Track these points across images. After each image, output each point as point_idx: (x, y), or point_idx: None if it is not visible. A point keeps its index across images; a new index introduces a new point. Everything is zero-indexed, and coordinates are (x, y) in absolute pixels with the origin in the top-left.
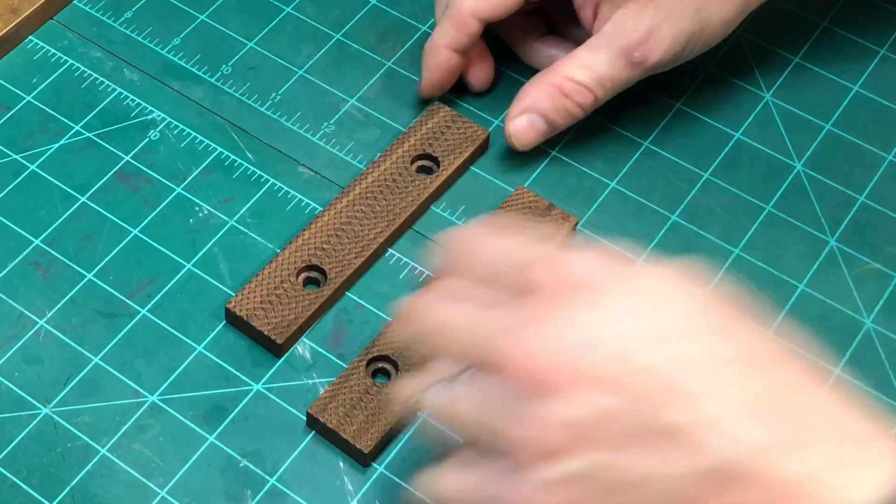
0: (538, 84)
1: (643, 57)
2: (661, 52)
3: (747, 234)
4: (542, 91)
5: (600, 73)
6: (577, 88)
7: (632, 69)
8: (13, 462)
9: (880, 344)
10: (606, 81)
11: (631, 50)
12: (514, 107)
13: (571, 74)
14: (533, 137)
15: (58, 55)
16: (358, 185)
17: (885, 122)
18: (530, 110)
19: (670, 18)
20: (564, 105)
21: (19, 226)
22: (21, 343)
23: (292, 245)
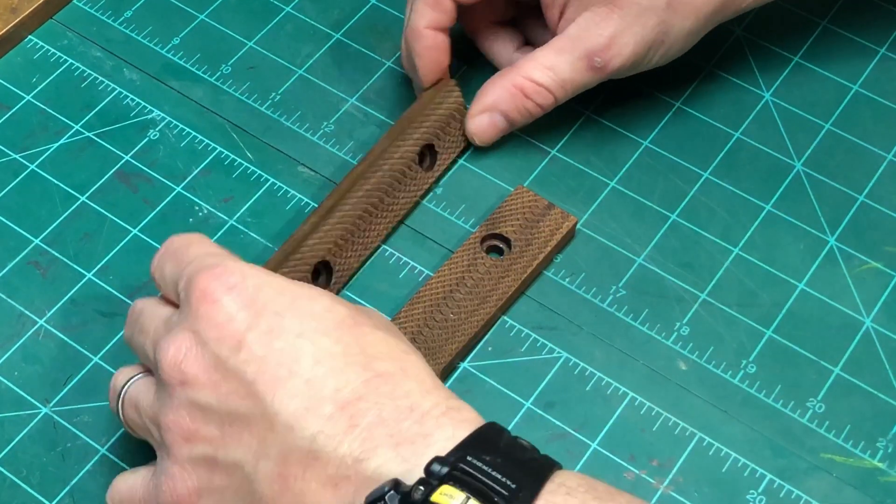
0: (500, 83)
1: (604, 62)
2: (622, 59)
3: (747, 233)
4: (504, 91)
5: (561, 76)
6: (538, 90)
7: (592, 73)
8: (13, 461)
9: (880, 343)
10: (567, 84)
11: (593, 54)
12: (476, 104)
13: (533, 76)
14: (493, 135)
15: (57, 55)
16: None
17: (885, 122)
18: (491, 109)
19: (634, 26)
20: (525, 105)
21: (19, 225)
22: (21, 342)
23: (308, 241)
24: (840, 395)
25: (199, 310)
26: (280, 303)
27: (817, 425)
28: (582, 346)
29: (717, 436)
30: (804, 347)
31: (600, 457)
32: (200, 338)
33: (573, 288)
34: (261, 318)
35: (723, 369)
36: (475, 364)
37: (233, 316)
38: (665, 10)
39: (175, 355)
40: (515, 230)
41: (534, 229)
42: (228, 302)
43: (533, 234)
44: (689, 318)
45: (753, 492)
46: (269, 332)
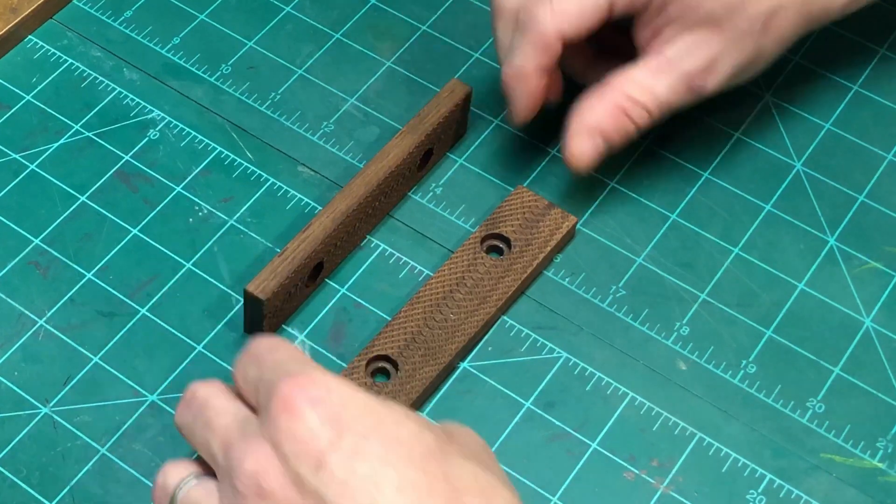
0: (600, 103)
1: (702, 85)
2: (719, 81)
3: (747, 233)
4: (606, 112)
5: (660, 97)
6: (639, 110)
7: (689, 95)
8: (13, 461)
9: (879, 343)
10: (664, 105)
11: (693, 77)
12: (578, 126)
13: (635, 95)
14: (593, 159)
15: (57, 55)
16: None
17: (885, 122)
18: (593, 131)
19: (733, 50)
20: (626, 125)
21: (19, 225)
22: (21, 342)
23: None
24: (840, 395)
25: (280, 420)
26: (365, 424)
27: (817, 425)
28: (582, 346)
29: (717, 436)
30: (804, 347)
31: (600, 457)
32: (280, 451)
33: (573, 288)
34: (344, 437)
35: (723, 369)
36: (475, 364)
37: (315, 432)
38: (761, 33)
39: (253, 467)
40: (515, 230)
41: (534, 229)
42: (311, 416)
43: (533, 234)
44: (689, 318)
45: (753, 492)
46: (352, 454)
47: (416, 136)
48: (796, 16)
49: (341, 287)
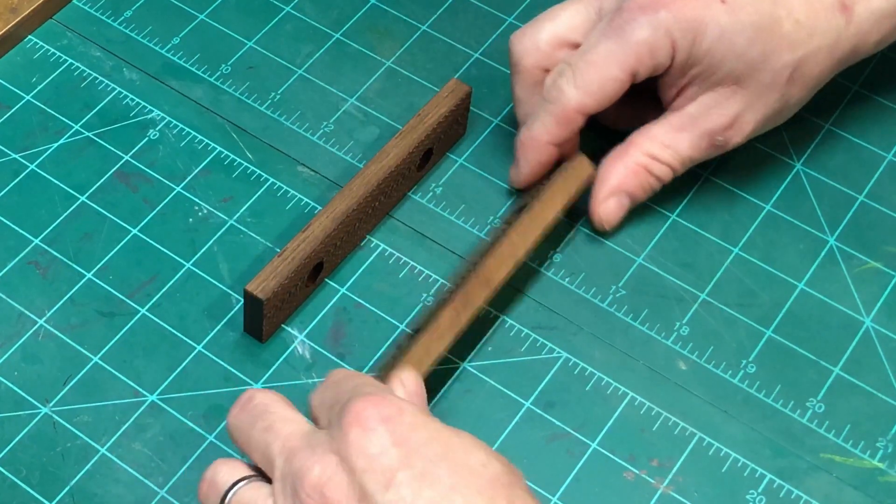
0: (622, 164)
1: (725, 141)
2: (742, 136)
3: (747, 233)
4: (629, 171)
5: (682, 154)
6: (661, 167)
7: (712, 150)
8: (13, 461)
9: (879, 343)
10: (686, 160)
11: (715, 133)
12: (601, 189)
13: (657, 154)
14: (620, 217)
15: (57, 54)
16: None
17: (885, 122)
18: (618, 192)
19: (756, 104)
20: (649, 181)
21: (19, 225)
22: (21, 342)
23: None
24: (840, 394)
25: (350, 434)
26: (435, 449)
27: (817, 425)
28: (582, 346)
29: (717, 436)
30: (804, 347)
31: (600, 457)
32: (348, 464)
33: (573, 288)
34: (413, 459)
35: (722, 369)
36: (475, 364)
37: (385, 449)
38: (786, 84)
39: (319, 476)
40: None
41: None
42: (382, 433)
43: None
44: (688, 318)
45: (753, 492)
46: (421, 476)
47: (416, 136)
48: (825, 62)
49: (341, 287)
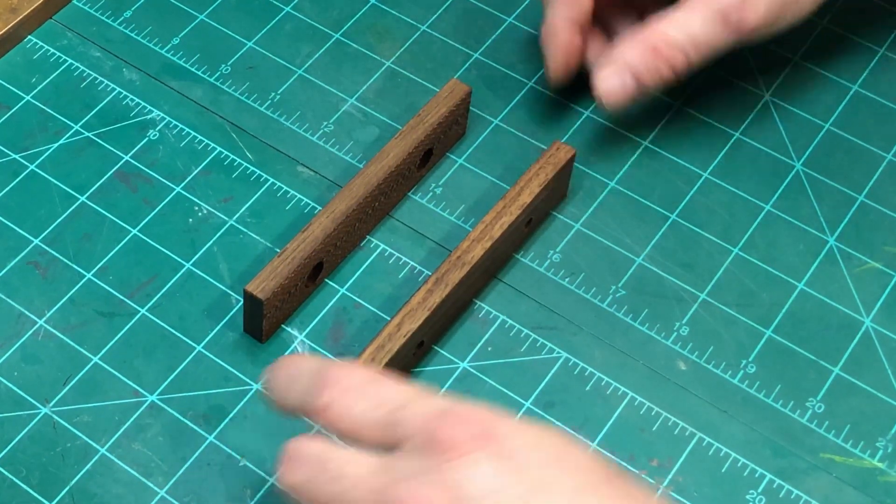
0: (632, 42)
1: (740, 19)
2: (758, 15)
3: (747, 233)
4: (637, 49)
5: (696, 35)
6: (674, 51)
7: (728, 33)
8: (12, 461)
9: (879, 343)
10: (702, 45)
11: (728, 12)
12: (606, 63)
13: (668, 32)
14: (622, 98)
15: (57, 55)
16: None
17: (885, 122)
18: (623, 68)
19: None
20: (658, 66)
21: (19, 225)
22: (20, 343)
23: None
24: (840, 394)
25: (452, 463)
26: (543, 456)
27: (817, 425)
28: (582, 346)
29: (716, 436)
30: (804, 347)
31: (600, 457)
32: (457, 493)
33: (573, 288)
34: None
35: (722, 369)
36: (475, 364)
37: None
38: None
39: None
40: None
41: None
42: (486, 456)
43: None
44: (688, 318)
45: (753, 492)
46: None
47: (416, 136)
48: None
49: (341, 287)
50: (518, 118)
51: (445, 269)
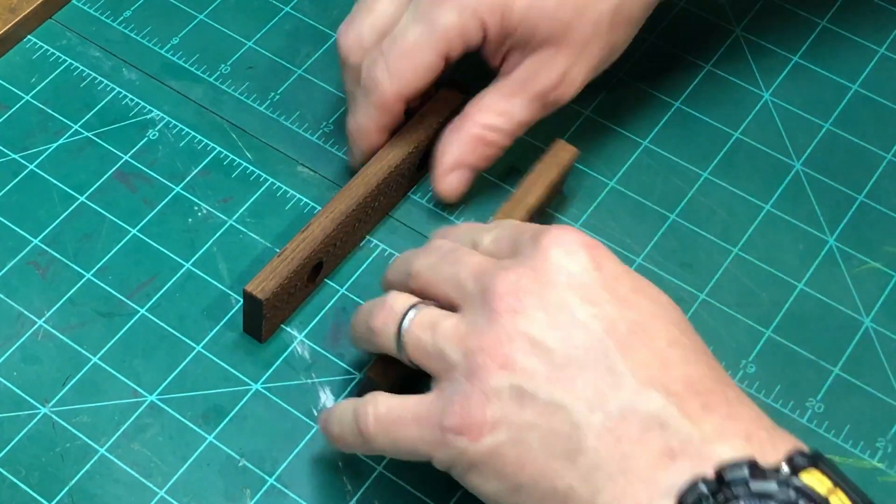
0: (458, 138)
1: (558, 98)
2: (574, 90)
3: (746, 233)
4: (464, 144)
5: (517, 119)
6: (495, 136)
7: (546, 110)
8: (12, 462)
9: (879, 343)
10: (523, 125)
11: (545, 94)
12: (440, 164)
13: (491, 122)
14: (463, 190)
15: (56, 55)
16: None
17: (885, 122)
18: (458, 166)
19: (581, 59)
20: (486, 152)
21: (18, 225)
22: (20, 343)
23: None
24: (839, 395)
25: (551, 252)
26: (629, 281)
27: (816, 425)
28: None
29: None
30: (803, 347)
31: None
32: (546, 277)
33: None
34: (613, 284)
35: None
36: None
37: (587, 270)
38: (608, 32)
39: (515, 283)
40: None
41: None
42: (584, 256)
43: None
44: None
45: None
46: (622, 300)
47: (416, 136)
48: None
49: (341, 287)
50: None
51: None
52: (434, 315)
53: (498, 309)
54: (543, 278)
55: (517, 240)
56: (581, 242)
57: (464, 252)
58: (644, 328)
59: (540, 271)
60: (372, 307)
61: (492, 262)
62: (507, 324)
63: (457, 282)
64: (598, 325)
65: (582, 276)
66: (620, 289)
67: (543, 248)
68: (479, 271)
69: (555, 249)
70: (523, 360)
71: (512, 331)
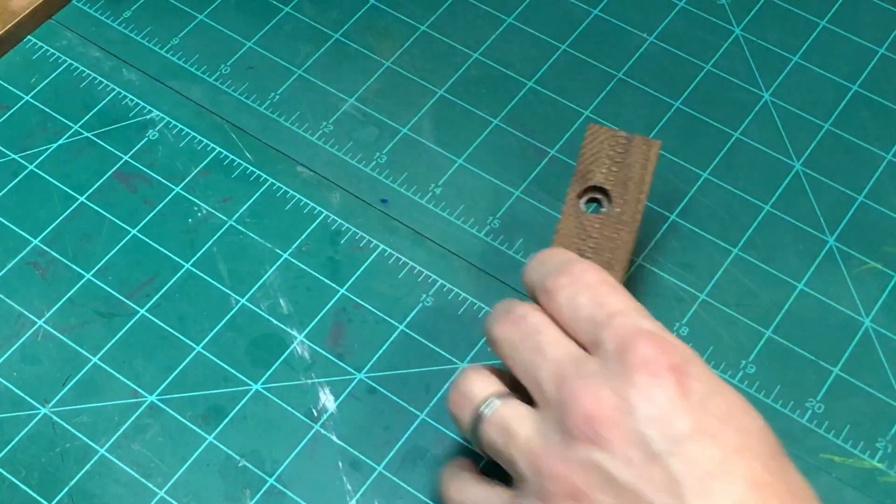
0: None
1: None
2: None
3: (746, 233)
4: None
5: None
6: None
7: None
8: (12, 462)
9: (879, 343)
10: None
11: None
12: None
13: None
14: None
15: (56, 55)
16: None
17: (885, 122)
18: None
19: None
20: None
21: (18, 226)
22: (20, 343)
23: None
24: (839, 395)
25: (637, 378)
26: (720, 406)
27: (816, 425)
28: None
29: None
30: (803, 348)
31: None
32: (629, 405)
33: None
34: (701, 415)
35: (722, 369)
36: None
37: (674, 401)
38: None
39: (594, 410)
40: (607, 176)
41: (624, 168)
42: (671, 384)
43: (626, 174)
44: (688, 319)
45: None
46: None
47: None
48: None
49: (340, 287)
50: (518, 118)
51: None
52: (510, 417)
53: (575, 434)
54: (625, 407)
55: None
56: (670, 366)
57: (545, 338)
58: (725, 468)
59: (623, 396)
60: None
61: (573, 362)
62: (582, 453)
63: (536, 378)
64: (676, 463)
65: (666, 406)
66: (707, 419)
67: (629, 369)
68: (559, 374)
69: (641, 375)
70: (594, 496)
71: (586, 462)
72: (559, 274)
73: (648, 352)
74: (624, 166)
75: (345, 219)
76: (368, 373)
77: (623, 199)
